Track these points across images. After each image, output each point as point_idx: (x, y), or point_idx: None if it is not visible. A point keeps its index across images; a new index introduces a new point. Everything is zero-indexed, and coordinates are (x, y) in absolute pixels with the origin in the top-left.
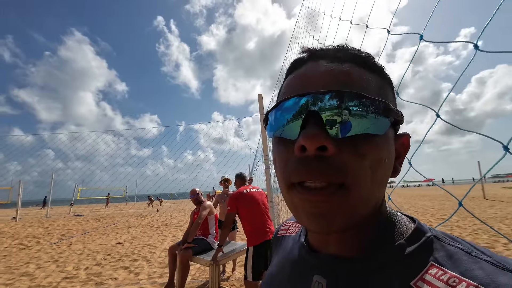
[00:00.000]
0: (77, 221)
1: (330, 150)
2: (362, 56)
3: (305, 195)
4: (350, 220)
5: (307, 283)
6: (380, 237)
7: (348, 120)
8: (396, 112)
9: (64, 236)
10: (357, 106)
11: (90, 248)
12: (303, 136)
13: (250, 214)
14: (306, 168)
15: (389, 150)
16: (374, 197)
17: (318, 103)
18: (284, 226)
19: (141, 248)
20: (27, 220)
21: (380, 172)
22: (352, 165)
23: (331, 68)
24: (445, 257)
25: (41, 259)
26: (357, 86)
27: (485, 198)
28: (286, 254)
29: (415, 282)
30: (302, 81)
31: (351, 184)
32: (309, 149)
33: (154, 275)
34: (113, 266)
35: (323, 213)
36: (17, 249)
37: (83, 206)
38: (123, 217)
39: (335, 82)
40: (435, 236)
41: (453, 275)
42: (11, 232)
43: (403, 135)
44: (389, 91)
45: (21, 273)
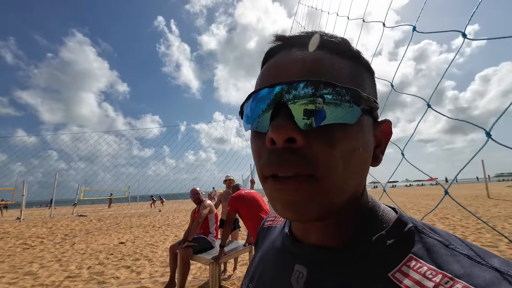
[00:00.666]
0: (80, 221)
1: (298, 141)
2: (335, 42)
3: (277, 185)
4: (324, 209)
5: (289, 272)
6: (361, 228)
7: (316, 110)
8: (367, 99)
9: (68, 236)
10: (326, 94)
11: (93, 248)
12: (271, 128)
13: (253, 212)
14: (276, 160)
15: (363, 138)
16: (348, 187)
17: (289, 93)
18: (271, 217)
19: (143, 247)
20: (31, 220)
21: (353, 161)
22: (321, 156)
23: (301, 56)
24: (424, 249)
25: (45, 258)
26: (327, 73)
27: (489, 197)
28: (271, 244)
29: (393, 274)
30: (274, 70)
31: (321, 175)
32: (277, 141)
33: (156, 274)
34: (115, 265)
35: (296, 201)
36: (21, 249)
37: (86, 207)
38: (125, 217)
39: (304, 70)
40: (415, 227)
41: (430, 268)
42: (15, 232)
43: (383, 122)
44: (365, 78)
45: (24, 272)
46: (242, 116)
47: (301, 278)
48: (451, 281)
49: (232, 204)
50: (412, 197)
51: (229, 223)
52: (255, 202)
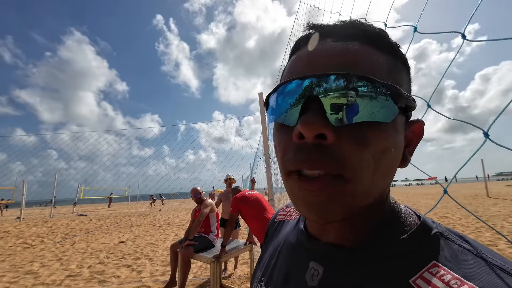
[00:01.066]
0: (80, 221)
1: (329, 138)
2: (372, 33)
3: (302, 183)
4: (349, 211)
5: (303, 269)
6: (382, 229)
7: (352, 106)
8: (407, 97)
9: (68, 235)
10: (362, 90)
11: (93, 247)
12: (301, 123)
13: (257, 213)
14: (303, 156)
15: (396, 139)
16: (376, 189)
17: (320, 86)
18: (283, 211)
19: (144, 246)
20: (31, 219)
21: (384, 163)
22: (352, 156)
23: (336, 47)
24: (449, 256)
25: (45, 257)
26: (363, 67)
27: (489, 196)
28: (283, 238)
29: (415, 280)
30: (305, 61)
31: (350, 175)
32: (306, 136)
33: (157, 273)
34: (116, 264)
35: (320, 202)
36: (21, 248)
37: (86, 206)
38: (125, 216)
39: (339, 63)
40: (441, 233)
41: (455, 277)
42: (15, 232)
43: (416, 122)
44: (402, 73)
45: (25, 271)
46: (266, 108)
47: (316, 276)
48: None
49: (235, 205)
50: (412, 196)
51: (231, 223)
52: (259, 203)
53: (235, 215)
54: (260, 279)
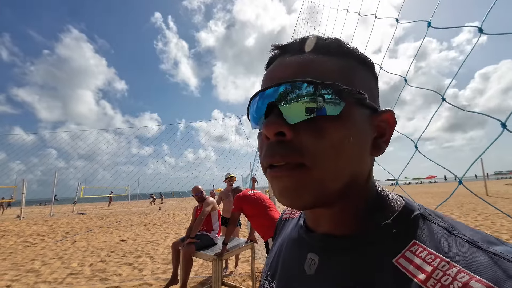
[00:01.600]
0: (80, 219)
1: (287, 135)
2: (323, 44)
3: (272, 173)
4: (318, 195)
5: (303, 260)
6: (369, 216)
7: (299, 106)
8: (348, 91)
9: (68, 234)
10: (307, 91)
11: (94, 245)
12: (263, 126)
13: (259, 211)
14: (269, 152)
15: (352, 129)
16: (343, 175)
17: (276, 94)
18: (288, 211)
19: (144, 245)
20: (31, 218)
21: (344, 150)
22: (309, 146)
23: (291, 61)
24: (427, 234)
25: (46, 256)
26: (311, 73)
27: (488, 194)
28: (287, 235)
29: (397, 259)
30: (268, 77)
31: (311, 163)
32: (269, 136)
33: (158, 271)
34: (117, 262)
35: (289, 187)
36: (22, 247)
37: (86, 205)
38: (126, 215)
39: (292, 73)
40: (421, 214)
41: (430, 252)
42: (16, 230)
43: (385, 112)
44: (356, 72)
45: (27, 270)
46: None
47: (313, 265)
48: (448, 265)
49: (237, 203)
50: (411, 195)
51: (233, 222)
52: (261, 202)
53: (237, 213)
54: (267, 274)
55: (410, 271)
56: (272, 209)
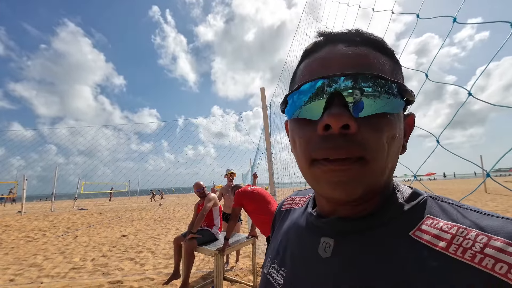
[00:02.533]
0: (81, 215)
1: (352, 128)
2: (377, 40)
3: (329, 166)
4: (369, 188)
5: (315, 245)
6: (384, 201)
7: (367, 101)
8: (410, 92)
9: (70, 229)
10: (375, 87)
11: (95, 241)
12: (329, 116)
13: (261, 205)
14: (331, 144)
15: (400, 127)
16: (388, 169)
17: (339, 84)
18: (288, 201)
19: (146, 240)
20: (32, 213)
21: (393, 147)
22: (371, 141)
23: (350, 52)
24: (439, 210)
25: (48, 250)
26: (374, 68)
27: (487, 191)
28: (292, 224)
29: (413, 232)
30: (322, 64)
31: (370, 157)
32: (334, 127)
33: (159, 266)
34: (119, 257)
35: (345, 180)
36: (24, 241)
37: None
38: (126, 210)
39: (353, 64)
40: (430, 196)
41: (446, 223)
42: (17, 225)
43: (409, 115)
44: (400, 73)
45: (29, 264)
46: (285, 106)
47: (329, 248)
48: (466, 231)
49: (238, 199)
50: None
51: (235, 217)
52: (261, 197)
53: (237, 209)
54: (272, 262)
55: (429, 240)
56: (272, 205)
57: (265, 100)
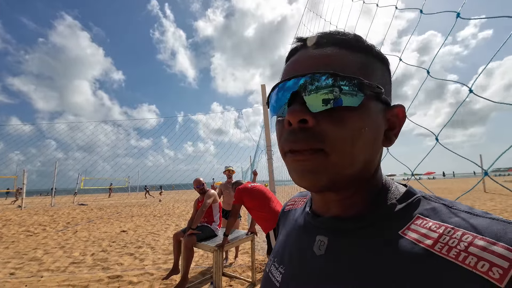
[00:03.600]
0: (81, 210)
1: (310, 122)
2: (345, 39)
3: (293, 156)
4: (334, 178)
5: (311, 243)
6: (375, 200)
7: (323, 96)
8: (369, 85)
9: (70, 224)
10: (329, 83)
11: (95, 236)
12: (288, 113)
13: (261, 202)
14: (292, 137)
15: (368, 120)
16: (357, 162)
17: (300, 84)
18: (291, 202)
19: (145, 236)
20: (32, 208)
21: (360, 140)
22: (329, 134)
23: (315, 53)
24: (430, 210)
25: (48, 245)
26: (335, 66)
27: (485, 191)
28: (293, 224)
29: (403, 231)
30: (291, 67)
31: (329, 148)
32: (292, 122)
33: (159, 261)
34: (118, 252)
35: (308, 169)
36: (24, 236)
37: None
38: (126, 206)
39: (315, 64)
40: (423, 196)
41: (435, 223)
42: (17, 220)
43: (396, 107)
44: (375, 68)
45: (29, 258)
46: (268, 105)
47: (323, 245)
48: (453, 230)
49: (238, 195)
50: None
51: (235, 213)
52: (261, 194)
53: (237, 205)
54: (274, 261)
55: (416, 238)
56: (273, 202)
57: (265, 97)
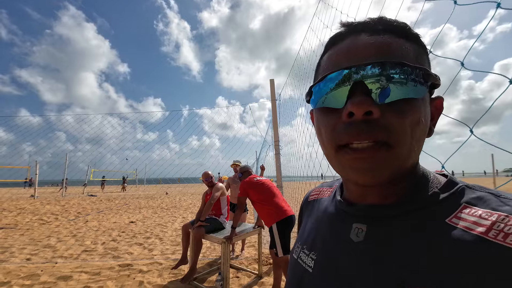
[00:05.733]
0: (91, 201)
1: (375, 114)
2: (400, 26)
3: (353, 154)
4: (395, 172)
5: (347, 231)
6: (415, 188)
7: (389, 87)
8: (434, 76)
9: (80, 214)
10: (398, 74)
11: (105, 226)
12: (351, 104)
13: (265, 196)
14: (355, 130)
15: (425, 111)
16: (413, 153)
17: (361, 73)
18: (315, 192)
19: (153, 227)
20: (44, 198)
21: (418, 131)
22: (394, 125)
23: (373, 41)
24: (477, 199)
25: (61, 233)
26: (397, 55)
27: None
28: (321, 213)
29: (450, 219)
30: (346, 54)
31: (394, 141)
32: (357, 114)
33: (167, 252)
34: (128, 242)
35: (370, 167)
36: (38, 224)
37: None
38: (134, 198)
39: (376, 53)
40: (466, 185)
41: (485, 211)
42: (31, 209)
43: (437, 98)
44: (425, 58)
45: (44, 245)
46: (310, 97)
47: (361, 233)
48: (507, 218)
49: (243, 188)
50: None
51: (241, 206)
52: (266, 189)
53: (243, 198)
54: (302, 247)
55: (466, 226)
56: (277, 197)
57: (274, 92)
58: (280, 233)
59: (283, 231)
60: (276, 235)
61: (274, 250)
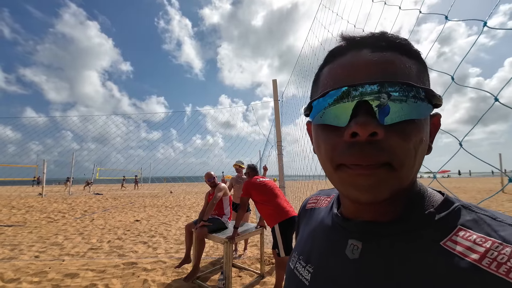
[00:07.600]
0: (97, 199)
1: (380, 135)
2: (402, 43)
3: (356, 171)
4: (395, 192)
5: (342, 246)
6: (411, 206)
7: (394, 108)
8: (438, 97)
9: (87, 212)
10: (403, 94)
11: (110, 224)
12: (356, 124)
13: (268, 197)
14: (357, 151)
15: (427, 130)
16: (414, 173)
17: (365, 91)
18: (312, 200)
19: (158, 226)
20: (52, 196)
21: (420, 151)
22: (398, 148)
23: (375, 58)
24: (472, 221)
25: (68, 231)
26: (401, 74)
27: (504, 191)
28: (318, 224)
29: (444, 242)
30: (347, 70)
31: (397, 164)
32: (362, 135)
33: (171, 251)
34: (132, 240)
35: (372, 184)
36: (45, 222)
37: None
38: (139, 197)
39: (380, 71)
40: (462, 205)
41: (480, 236)
42: (39, 207)
43: (435, 115)
44: (426, 75)
45: (51, 243)
46: (309, 111)
47: (356, 250)
48: (501, 246)
49: (246, 189)
50: None
51: (243, 206)
52: (269, 190)
53: (245, 198)
54: (299, 258)
55: (461, 251)
56: (280, 198)
57: (276, 92)
58: (282, 233)
59: (285, 232)
60: (278, 236)
61: (276, 250)
